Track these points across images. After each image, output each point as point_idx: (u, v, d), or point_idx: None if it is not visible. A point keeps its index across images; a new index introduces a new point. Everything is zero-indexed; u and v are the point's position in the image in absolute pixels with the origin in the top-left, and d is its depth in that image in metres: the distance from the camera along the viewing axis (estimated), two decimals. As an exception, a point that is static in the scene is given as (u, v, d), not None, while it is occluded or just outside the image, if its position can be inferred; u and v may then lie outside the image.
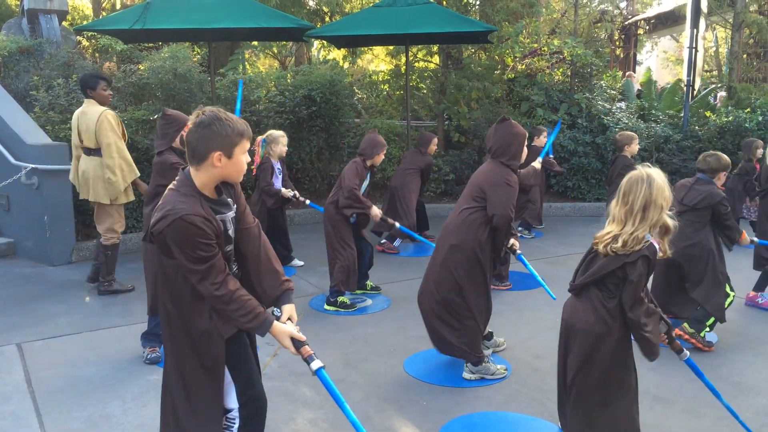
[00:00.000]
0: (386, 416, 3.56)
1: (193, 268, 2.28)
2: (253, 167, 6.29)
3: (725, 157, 4.56)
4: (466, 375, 3.99)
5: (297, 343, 2.44)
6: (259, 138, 6.29)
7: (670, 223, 2.70)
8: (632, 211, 2.65)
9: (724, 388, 3.89)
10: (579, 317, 2.80)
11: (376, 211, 5.33)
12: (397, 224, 5.65)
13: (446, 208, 9.32)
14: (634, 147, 6.63)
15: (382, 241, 7.45)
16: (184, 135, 3.97)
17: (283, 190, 6.26)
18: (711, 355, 4.40)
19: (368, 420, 3.52)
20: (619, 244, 2.65)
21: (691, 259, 4.42)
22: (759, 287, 5.39)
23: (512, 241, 4.14)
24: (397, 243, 7.36)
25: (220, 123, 2.31)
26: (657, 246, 2.71)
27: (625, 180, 2.73)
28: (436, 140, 7.60)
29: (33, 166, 6.41)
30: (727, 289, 4.57)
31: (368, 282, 5.81)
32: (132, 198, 5.67)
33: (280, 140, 6.26)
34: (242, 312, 2.35)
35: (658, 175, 2.68)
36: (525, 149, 4.00)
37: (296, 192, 6.33)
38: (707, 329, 4.46)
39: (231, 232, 2.47)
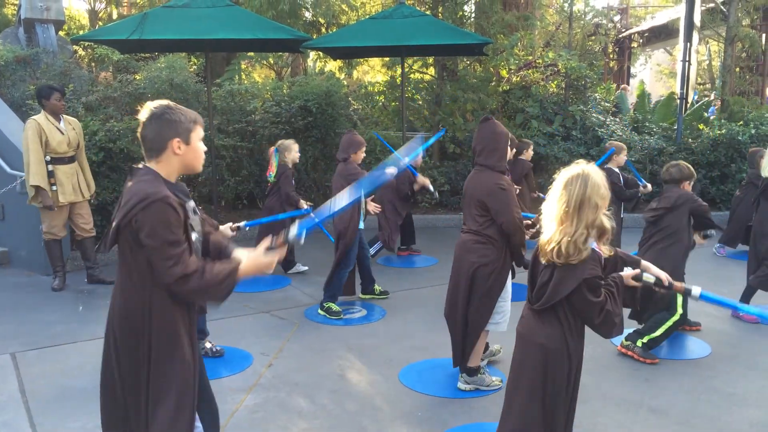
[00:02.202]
0: (381, 427, 3.56)
1: (168, 252, 2.22)
2: (267, 177, 6.59)
3: (688, 166, 4.65)
4: (462, 386, 4.00)
5: (272, 248, 2.42)
6: (272, 148, 6.57)
7: (608, 224, 2.56)
8: (567, 210, 2.52)
9: (717, 400, 3.91)
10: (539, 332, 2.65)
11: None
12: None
13: (441, 219, 9.34)
14: (622, 158, 6.65)
15: (402, 247, 7.59)
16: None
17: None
18: (704, 366, 4.41)
19: (363, 431, 3.52)
20: (562, 253, 2.50)
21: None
22: (744, 299, 5.41)
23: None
24: (373, 250, 7.31)
25: (171, 111, 2.35)
26: (598, 249, 2.59)
27: (560, 177, 2.60)
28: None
29: (28, 175, 6.41)
30: (678, 305, 4.54)
31: (376, 286, 5.91)
32: (43, 203, 5.84)
33: (292, 147, 6.50)
34: (218, 278, 2.29)
35: (594, 173, 2.56)
36: (509, 149, 4.00)
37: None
38: (644, 341, 4.49)
39: (193, 222, 2.43)
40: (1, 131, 6.93)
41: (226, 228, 3.81)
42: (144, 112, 2.38)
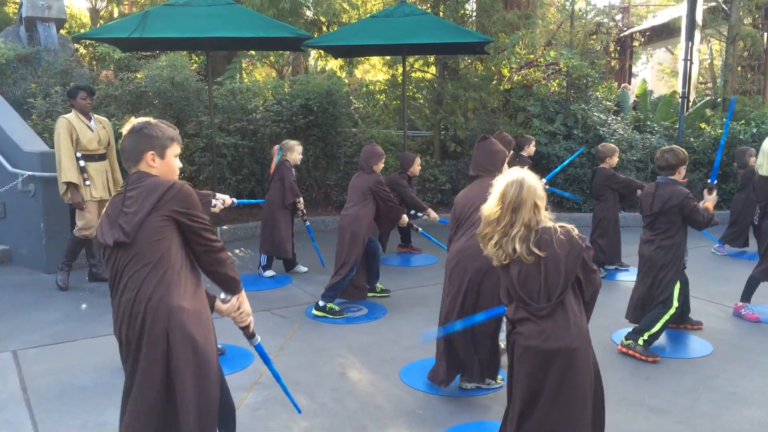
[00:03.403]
0: (382, 426, 3.56)
1: (207, 225, 2.51)
2: (270, 171, 6.69)
3: (682, 151, 4.58)
4: (463, 384, 4.00)
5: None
6: (276, 146, 6.65)
7: (548, 219, 2.70)
8: (502, 212, 2.66)
9: (718, 399, 3.91)
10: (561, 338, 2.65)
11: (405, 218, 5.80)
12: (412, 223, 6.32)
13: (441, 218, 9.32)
14: (615, 159, 6.70)
15: (402, 244, 7.70)
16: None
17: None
18: (705, 365, 4.41)
19: (364, 430, 3.53)
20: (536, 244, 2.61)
21: (662, 265, 4.50)
22: (744, 298, 5.41)
23: None
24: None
25: (150, 127, 2.55)
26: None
27: (498, 184, 2.73)
28: (417, 159, 7.46)
29: (30, 173, 6.41)
30: (674, 299, 4.54)
31: (378, 285, 5.91)
32: (72, 200, 5.87)
33: (295, 148, 6.57)
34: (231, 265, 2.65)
35: (529, 177, 2.69)
36: (506, 165, 3.94)
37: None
38: (644, 338, 4.48)
39: None
40: (2, 129, 6.94)
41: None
42: (127, 125, 2.59)
